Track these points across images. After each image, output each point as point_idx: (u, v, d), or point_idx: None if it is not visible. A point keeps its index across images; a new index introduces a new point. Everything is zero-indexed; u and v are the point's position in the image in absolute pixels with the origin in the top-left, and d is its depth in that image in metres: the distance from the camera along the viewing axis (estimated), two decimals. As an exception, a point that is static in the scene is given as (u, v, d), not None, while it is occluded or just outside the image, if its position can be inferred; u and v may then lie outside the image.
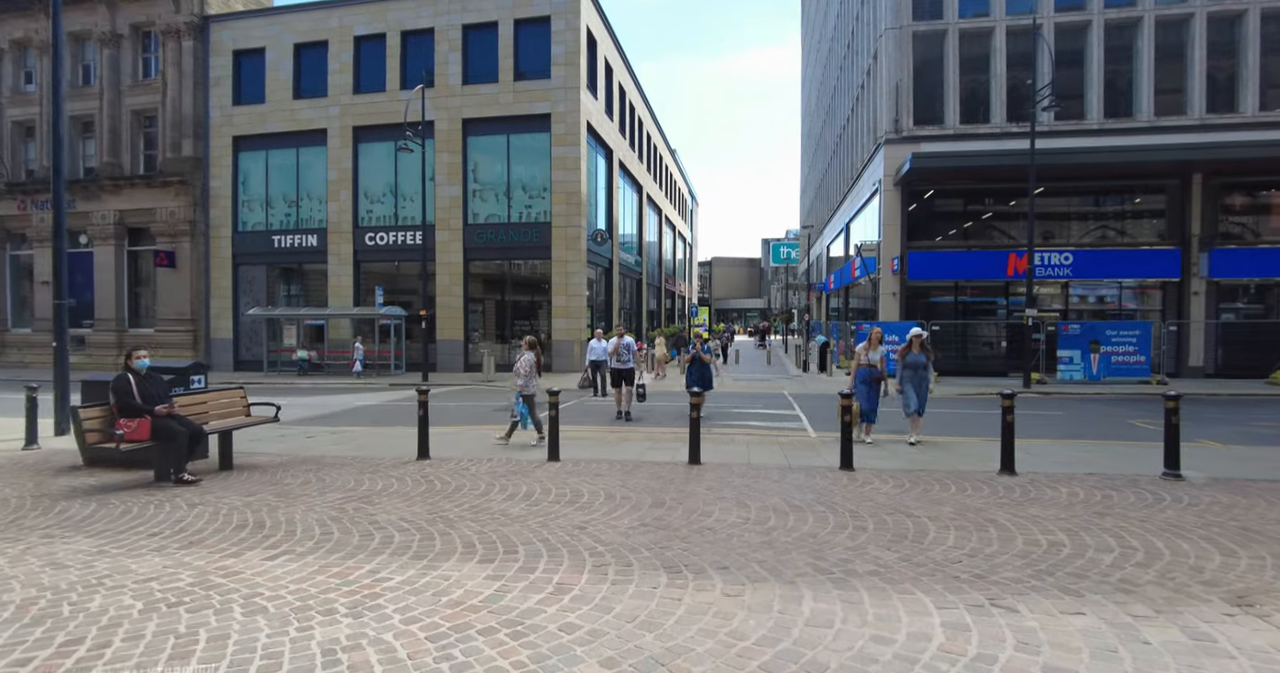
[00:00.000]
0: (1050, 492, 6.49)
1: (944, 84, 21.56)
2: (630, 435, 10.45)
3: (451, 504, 5.99)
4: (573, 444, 9.50)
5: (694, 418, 7.93)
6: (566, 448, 9.01)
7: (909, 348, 9.63)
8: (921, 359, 9.54)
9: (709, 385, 11.94)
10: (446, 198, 24.41)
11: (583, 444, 9.55)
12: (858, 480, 7.00)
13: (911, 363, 9.58)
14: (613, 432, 10.91)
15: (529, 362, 9.71)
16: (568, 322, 23.35)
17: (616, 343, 12.15)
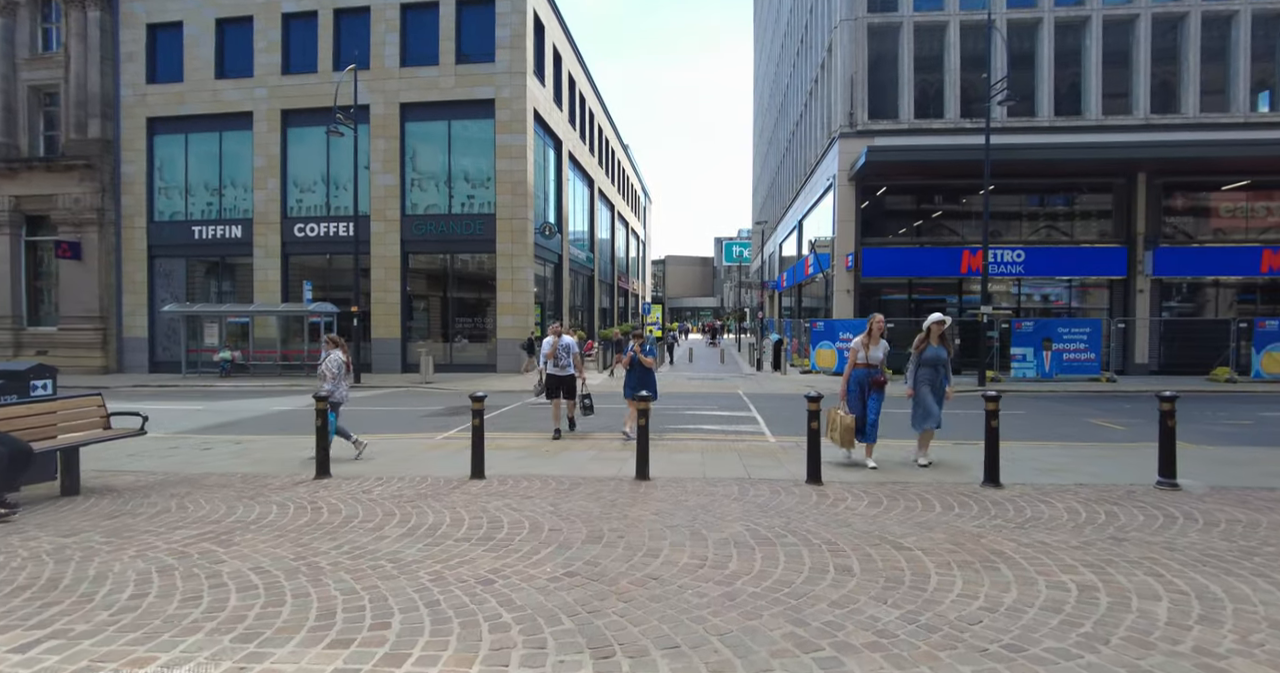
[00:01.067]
0: (1046, 509, 5.56)
1: (898, 78, 20.96)
2: (573, 445, 9.22)
3: (330, 544, 4.66)
4: (505, 456, 8.24)
5: (641, 426, 6.76)
6: (497, 461, 7.75)
7: (926, 340, 7.54)
8: (943, 354, 7.51)
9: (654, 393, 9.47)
10: (383, 187, 22.67)
11: (516, 456, 8.28)
12: (828, 498, 5.95)
13: (930, 359, 7.53)
14: (554, 440, 9.66)
15: (337, 363, 8.26)
16: (514, 319, 21.92)
17: (554, 343, 9.92)
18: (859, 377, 7.63)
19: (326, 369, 8.22)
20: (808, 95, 27.50)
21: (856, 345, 7.63)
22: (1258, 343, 18.50)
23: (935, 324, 7.52)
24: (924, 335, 7.58)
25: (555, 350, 9.96)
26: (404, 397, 16.53)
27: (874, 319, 7.62)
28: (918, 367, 7.61)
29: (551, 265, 26.20)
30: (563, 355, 9.90)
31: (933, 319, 7.55)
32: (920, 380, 7.60)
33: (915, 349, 7.62)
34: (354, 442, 8.37)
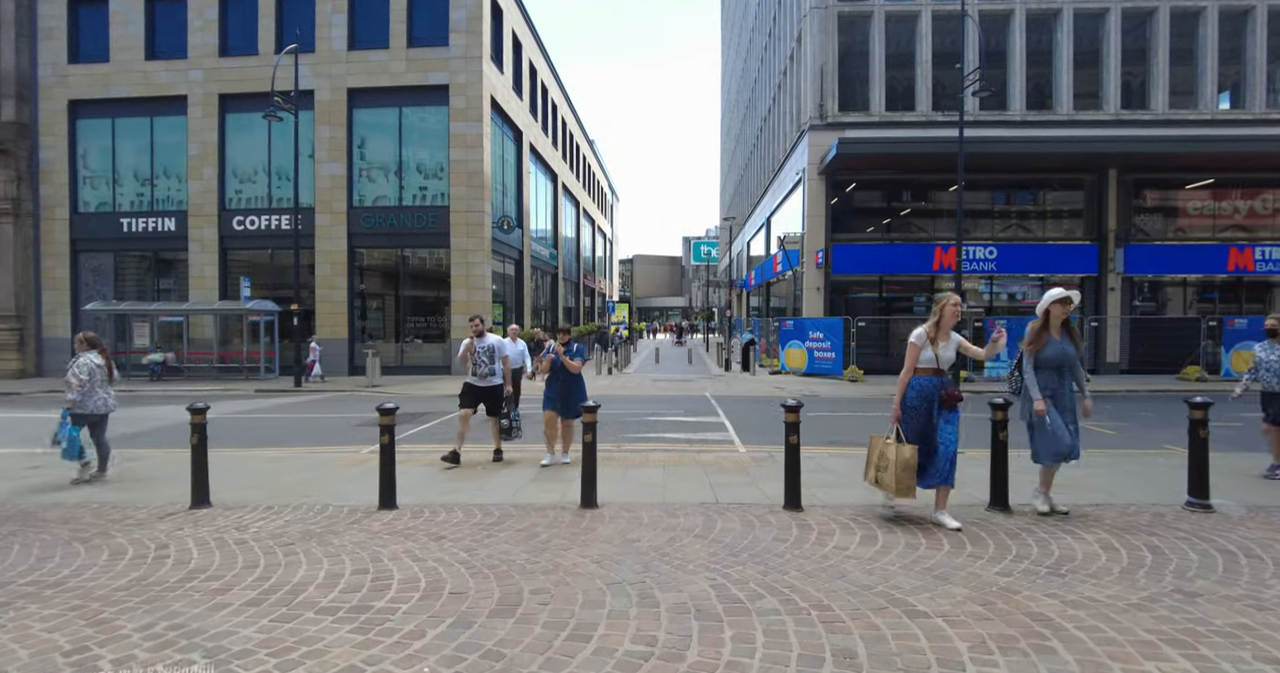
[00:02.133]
0: (1076, 544, 4.49)
1: (869, 70, 20.08)
2: (516, 460, 7.95)
3: (140, 620, 3.33)
4: (432, 477, 6.94)
5: (588, 442, 5.52)
6: (420, 484, 6.45)
7: (1044, 329, 5.19)
8: (1070, 352, 5.19)
9: (573, 409, 7.28)
10: (328, 177, 21.03)
11: (445, 477, 6.97)
12: (812, 531, 4.80)
13: (1053, 359, 5.16)
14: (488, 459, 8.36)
15: (87, 368, 6.71)
16: (468, 314, 20.44)
17: (468, 345, 7.62)
18: (924, 388, 5.07)
19: (73, 376, 6.64)
20: (776, 89, 26.56)
21: (918, 340, 5.05)
22: (1227, 341, 18.06)
23: (1058, 303, 5.10)
24: (1041, 323, 5.22)
25: (469, 354, 7.64)
26: (344, 402, 15.03)
27: (946, 302, 5.05)
28: (1037, 371, 5.25)
29: (512, 262, 24.79)
30: (483, 361, 7.66)
31: (1053, 296, 5.11)
32: (1049, 391, 5.22)
33: (1029, 344, 5.23)
34: (83, 464, 6.79)
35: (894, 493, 4.90)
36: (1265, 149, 18.29)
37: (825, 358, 19.28)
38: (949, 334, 5.09)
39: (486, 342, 7.75)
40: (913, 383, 5.11)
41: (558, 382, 7.45)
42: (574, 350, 7.43)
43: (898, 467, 4.82)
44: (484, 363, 7.69)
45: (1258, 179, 19.87)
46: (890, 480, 4.85)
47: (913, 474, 4.82)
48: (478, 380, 7.70)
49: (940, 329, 5.05)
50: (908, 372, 5.12)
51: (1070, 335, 5.25)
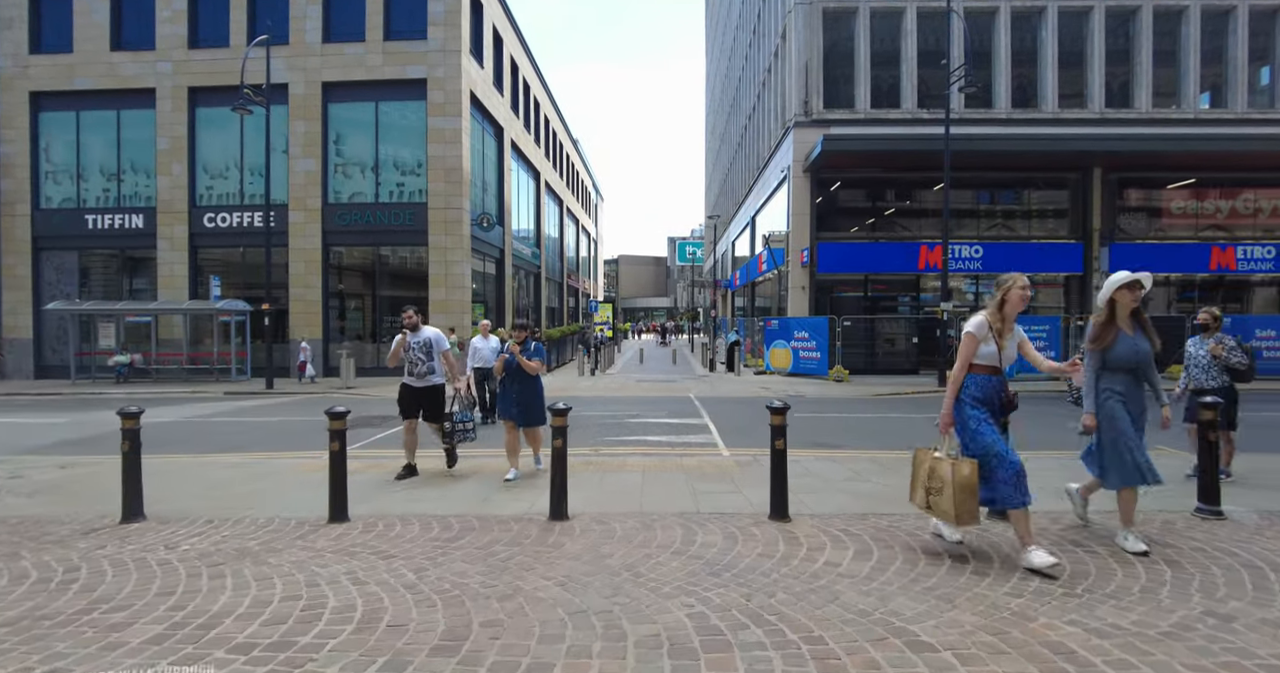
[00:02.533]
0: (1090, 559, 4.09)
1: (854, 66, 19.80)
2: (485, 466, 7.45)
3: (9, 666, 2.83)
4: (392, 483, 6.43)
5: (558, 448, 5.04)
6: (378, 492, 5.95)
7: (1111, 321, 4.30)
8: (1144, 349, 4.28)
9: (534, 415, 6.68)
10: (302, 173, 20.37)
11: (406, 483, 6.48)
12: (801, 545, 4.36)
13: (1126, 358, 4.26)
14: (462, 458, 7.86)
15: None
16: (448, 318, 19.86)
17: (401, 341, 6.66)
18: (983, 388, 4.15)
19: None
20: (760, 86, 26.23)
21: (978, 330, 4.12)
22: (1212, 340, 17.91)
23: (1125, 288, 4.21)
24: (1106, 315, 4.29)
25: (401, 351, 6.67)
26: (315, 404, 14.41)
27: (1013, 284, 4.13)
28: (1098, 374, 4.35)
29: (493, 261, 24.22)
30: (418, 359, 6.64)
31: (1118, 281, 4.21)
32: (1108, 397, 4.29)
33: (1093, 342, 4.32)
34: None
35: (955, 521, 3.90)
36: (1247, 148, 18.23)
37: (810, 358, 18.93)
38: (1014, 325, 4.22)
39: (422, 336, 6.72)
40: (970, 383, 4.16)
41: (514, 385, 6.62)
42: (531, 350, 6.62)
43: (957, 488, 3.85)
44: (419, 360, 6.68)
45: (1239, 178, 19.83)
46: (948, 506, 3.88)
47: (975, 496, 3.88)
48: (414, 381, 6.72)
49: (1005, 319, 4.15)
50: (961, 368, 4.17)
51: (1143, 328, 4.31)
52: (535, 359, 6.64)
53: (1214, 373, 6.24)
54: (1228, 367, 6.17)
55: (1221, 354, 6.11)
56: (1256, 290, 20.85)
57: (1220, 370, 6.22)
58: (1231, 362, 6.13)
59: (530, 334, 6.75)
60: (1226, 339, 6.21)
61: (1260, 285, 20.69)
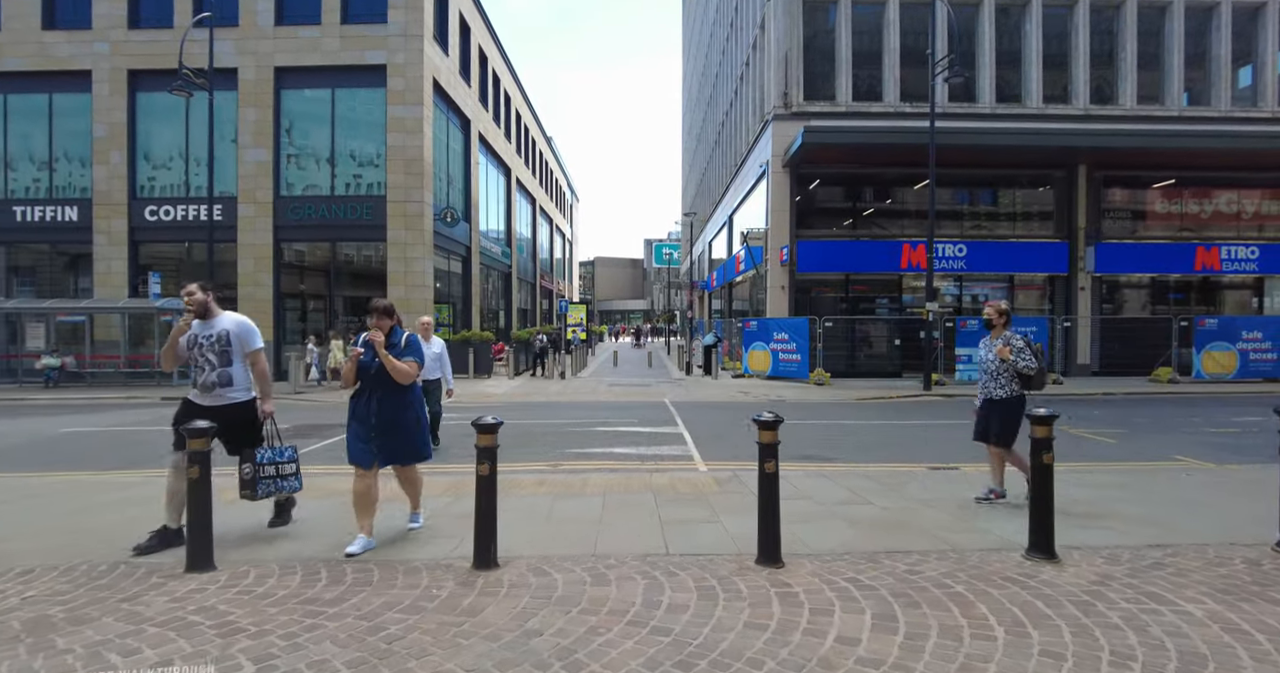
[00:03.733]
0: (1183, 623, 3.09)
1: (835, 58, 18.92)
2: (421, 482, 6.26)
3: None
4: (301, 509, 5.20)
5: (484, 474, 3.86)
6: (260, 529, 4.74)
7: None
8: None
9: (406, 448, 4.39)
10: (252, 164, 18.91)
11: (317, 507, 5.27)
12: (801, 608, 3.27)
13: None
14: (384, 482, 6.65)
15: None
16: (408, 318, 18.32)
17: (178, 331, 4.37)
18: None
19: None
20: (738, 80, 25.31)
21: None
22: (1198, 342, 17.32)
23: None
24: None
25: (173, 346, 4.36)
26: (253, 411, 13.01)
27: None
28: None
29: (459, 259, 22.91)
30: (206, 363, 4.32)
31: None
32: None
33: None
34: None
35: None
36: (1233, 145, 17.71)
37: (790, 360, 17.97)
38: None
39: (216, 326, 4.36)
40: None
41: (373, 400, 4.22)
42: (402, 344, 4.29)
43: None
44: (208, 365, 4.31)
45: (1224, 178, 19.34)
46: None
47: None
48: (200, 394, 4.36)
49: None
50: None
51: None
52: (408, 360, 4.24)
53: (1003, 379, 5.30)
54: (1016, 372, 5.22)
55: (1009, 357, 5.16)
56: (1240, 293, 20.38)
57: (1011, 377, 5.27)
58: (1019, 366, 5.16)
59: (399, 321, 4.42)
60: (1015, 339, 5.26)
61: (1244, 287, 20.22)
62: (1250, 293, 20.26)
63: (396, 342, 4.30)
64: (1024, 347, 5.20)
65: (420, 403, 4.60)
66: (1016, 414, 5.26)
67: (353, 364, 4.23)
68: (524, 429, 10.19)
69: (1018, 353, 5.16)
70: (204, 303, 4.39)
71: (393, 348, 4.25)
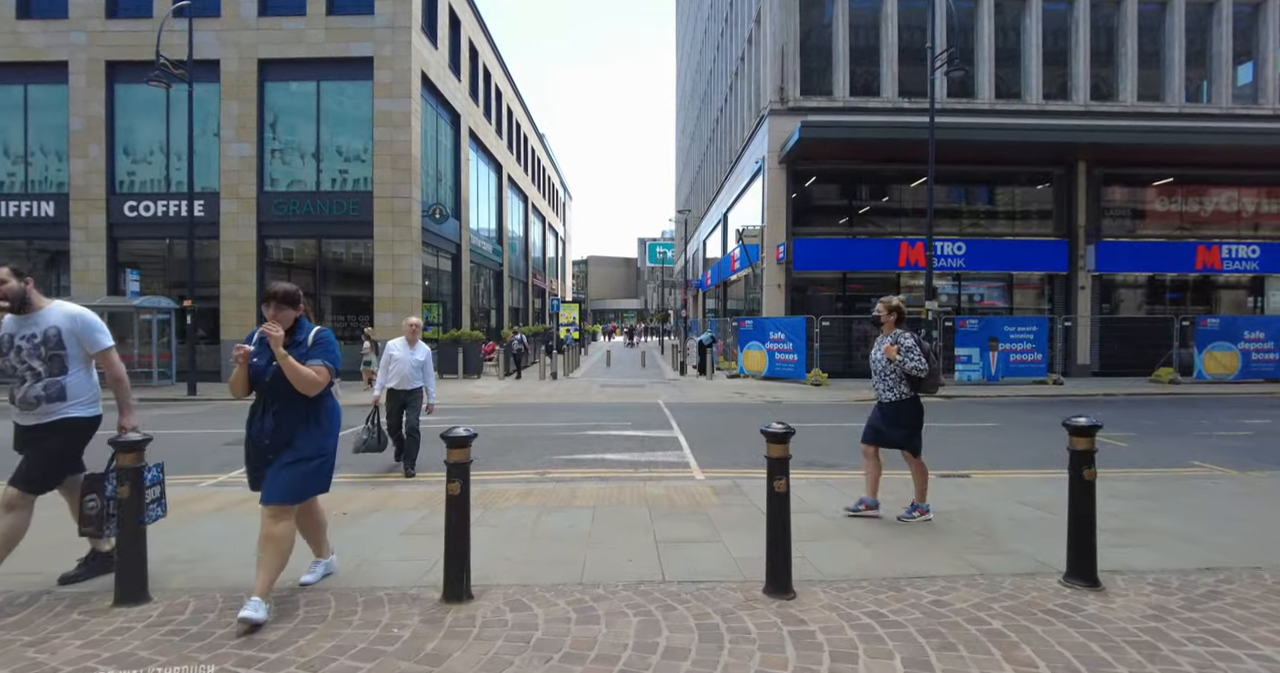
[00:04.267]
0: (1231, 650, 2.66)
1: (832, 53, 18.51)
2: (398, 495, 5.80)
3: None
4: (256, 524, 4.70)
5: (454, 494, 3.37)
6: (237, 536, 4.24)
7: None
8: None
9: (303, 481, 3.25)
10: (236, 158, 18.33)
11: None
12: (821, 655, 2.80)
13: None
14: (356, 492, 6.18)
15: None
16: (395, 317, 18.01)
17: None
18: None
19: None
20: (733, 76, 24.86)
21: None
22: (1200, 342, 17.00)
23: None
24: None
25: None
26: (235, 413, 12.49)
27: None
28: None
29: (448, 257, 22.37)
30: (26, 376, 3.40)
31: None
32: None
33: None
34: None
35: None
36: (1234, 142, 17.39)
37: (787, 360, 17.55)
38: None
39: (42, 323, 3.43)
40: None
41: (268, 414, 3.25)
42: (308, 343, 3.27)
43: None
44: (29, 375, 3.40)
45: (1225, 176, 19.05)
46: None
47: None
48: (20, 412, 3.48)
49: None
50: None
51: None
52: (315, 365, 3.21)
53: (890, 380, 4.85)
54: (905, 373, 4.77)
55: (895, 356, 4.71)
56: (1234, 292, 20.10)
57: (899, 378, 4.82)
58: (907, 366, 4.70)
59: (307, 311, 3.39)
60: (904, 337, 4.80)
61: (1244, 286, 19.93)
62: (1250, 292, 19.98)
63: (302, 339, 3.25)
64: (913, 346, 4.73)
65: (332, 421, 3.40)
66: (912, 418, 4.84)
67: (241, 367, 3.15)
68: (512, 433, 9.71)
69: (905, 352, 4.70)
70: (19, 292, 3.33)
71: (295, 347, 3.20)
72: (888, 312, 4.90)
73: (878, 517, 4.97)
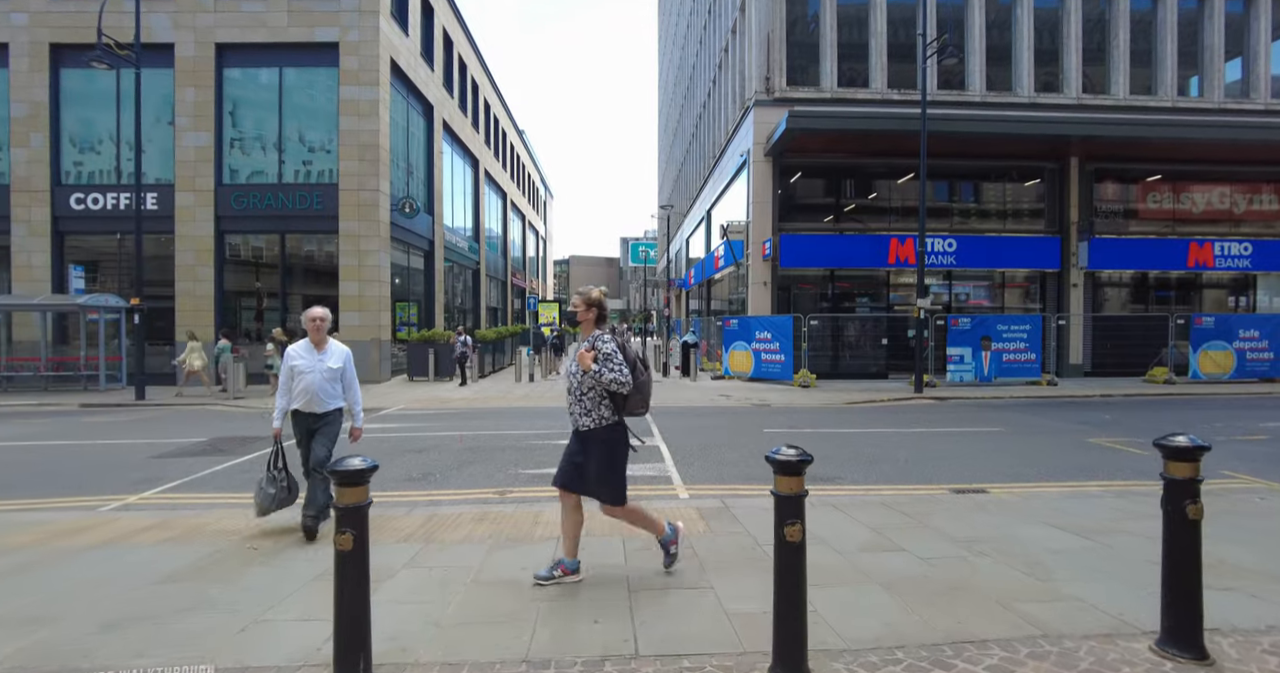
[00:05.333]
0: None
1: (820, 42, 17.75)
2: (292, 548, 4.84)
3: None
4: (169, 561, 3.72)
5: (343, 552, 2.43)
6: (125, 592, 3.26)
7: None
8: None
9: None
10: (192, 149, 17.14)
11: (192, 564, 3.80)
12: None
13: None
14: (274, 517, 5.20)
15: None
16: (361, 317, 16.95)
17: None
18: None
19: None
20: (717, 69, 24.04)
21: None
22: (1195, 341, 16.46)
23: None
24: None
25: None
26: (181, 420, 11.41)
27: None
28: None
29: (420, 253, 21.28)
30: None
31: None
32: None
33: None
34: None
35: None
36: (1228, 136, 16.86)
37: (773, 361, 16.74)
38: None
39: None
40: None
41: None
42: None
43: None
44: None
45: (1217, 173, 18.57)
46: None
47: None
48: None
49: None
50: None
51: None
52: None
53: (588, 401, 3.58)
54: (605, 389, 3.53)
55: (590, 367, 3.47)
56: (1232, 289, 19.63)
57: (600, 396, 3.56)
58: (604, 378, 3.45)
59: None
60: (604, 341, 3.55)
61: (1236, 283, 19.47)
62: (1241, 290, 19.53)
63: None
64: (613, 353, 3.51)
65: None
66: (613, 454, 3.57)
67: None
68: (477, 442, 8.76)
69: (604, 360, 3.47)
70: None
71: None
72: (586, 306, 3.66)
73: (579, 581, 3.63)
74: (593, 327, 3.68)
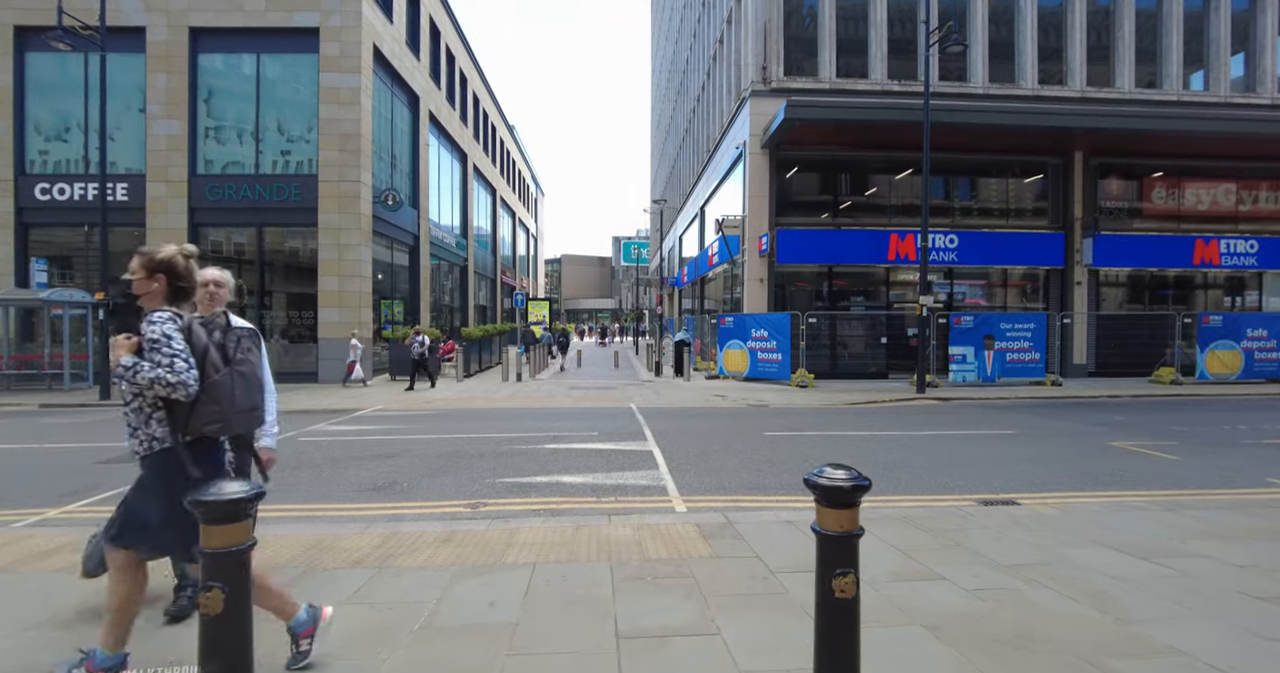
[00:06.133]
0: None
1: (819, 31, 17.13)
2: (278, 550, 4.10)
3: None
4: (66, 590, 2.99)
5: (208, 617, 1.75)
6: None
7: None
8: None
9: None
10: (164, 137, 16.31)
11: (82, 594, 3.08)
12: None
13: None
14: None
15: None
16: (341, 314, 16.16)
17: None
18: None
19: None
20: (711, 61, 23.37)
21: None
22: (1202, 340, 15.96)
23: None
24: None
25: None
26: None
27: None
28: None
29: (405, 249, 20.48)
30: None
31: None
32: None
33: None
34: None
35: None
36: (1234, 129, 16.36)
37: (770, 360, 16.09)
38: None
39: None
40: None
41: None
42: None
43: None
44: None
45: (1224, 169, 18.07)
46: None
47: None
48: None
49: None
50: None
51: None
52: None
53: (133, 413, 2.49)
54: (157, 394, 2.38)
55: (121, 360, 2.36)
56: (1238, 287, 19.16)
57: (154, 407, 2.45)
58: (141, 377, 2.31)
59: None
60: (153, 325, 2.36)
61: (1242, 282, 19.00)
62: (1248, 289, 19.05)
63: None
64: (164, 338, 2.34)
65: None
66: (160, 489, 2.41)
67: None
68: (454, 447, 8.03)
69: (150, 351, 2.33)
70: None
71: None
72: (147, 272, 2.46)
73: None
74: (159, 302, 2.46)
